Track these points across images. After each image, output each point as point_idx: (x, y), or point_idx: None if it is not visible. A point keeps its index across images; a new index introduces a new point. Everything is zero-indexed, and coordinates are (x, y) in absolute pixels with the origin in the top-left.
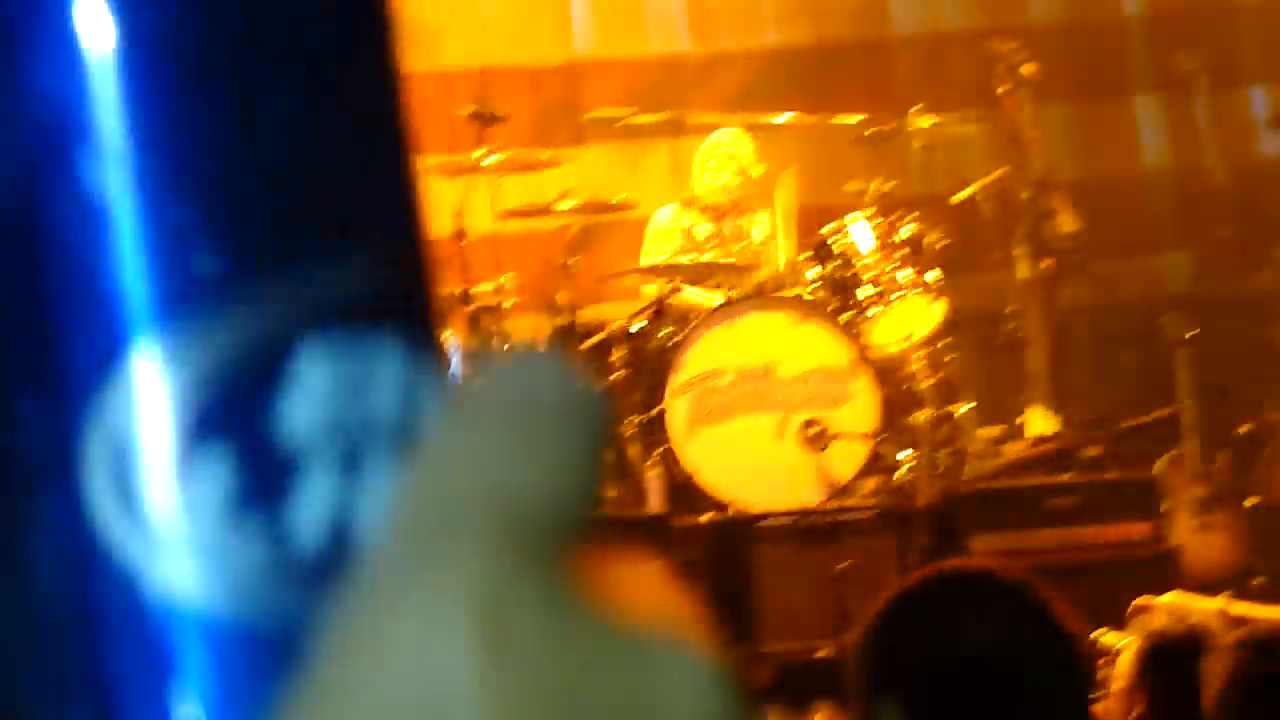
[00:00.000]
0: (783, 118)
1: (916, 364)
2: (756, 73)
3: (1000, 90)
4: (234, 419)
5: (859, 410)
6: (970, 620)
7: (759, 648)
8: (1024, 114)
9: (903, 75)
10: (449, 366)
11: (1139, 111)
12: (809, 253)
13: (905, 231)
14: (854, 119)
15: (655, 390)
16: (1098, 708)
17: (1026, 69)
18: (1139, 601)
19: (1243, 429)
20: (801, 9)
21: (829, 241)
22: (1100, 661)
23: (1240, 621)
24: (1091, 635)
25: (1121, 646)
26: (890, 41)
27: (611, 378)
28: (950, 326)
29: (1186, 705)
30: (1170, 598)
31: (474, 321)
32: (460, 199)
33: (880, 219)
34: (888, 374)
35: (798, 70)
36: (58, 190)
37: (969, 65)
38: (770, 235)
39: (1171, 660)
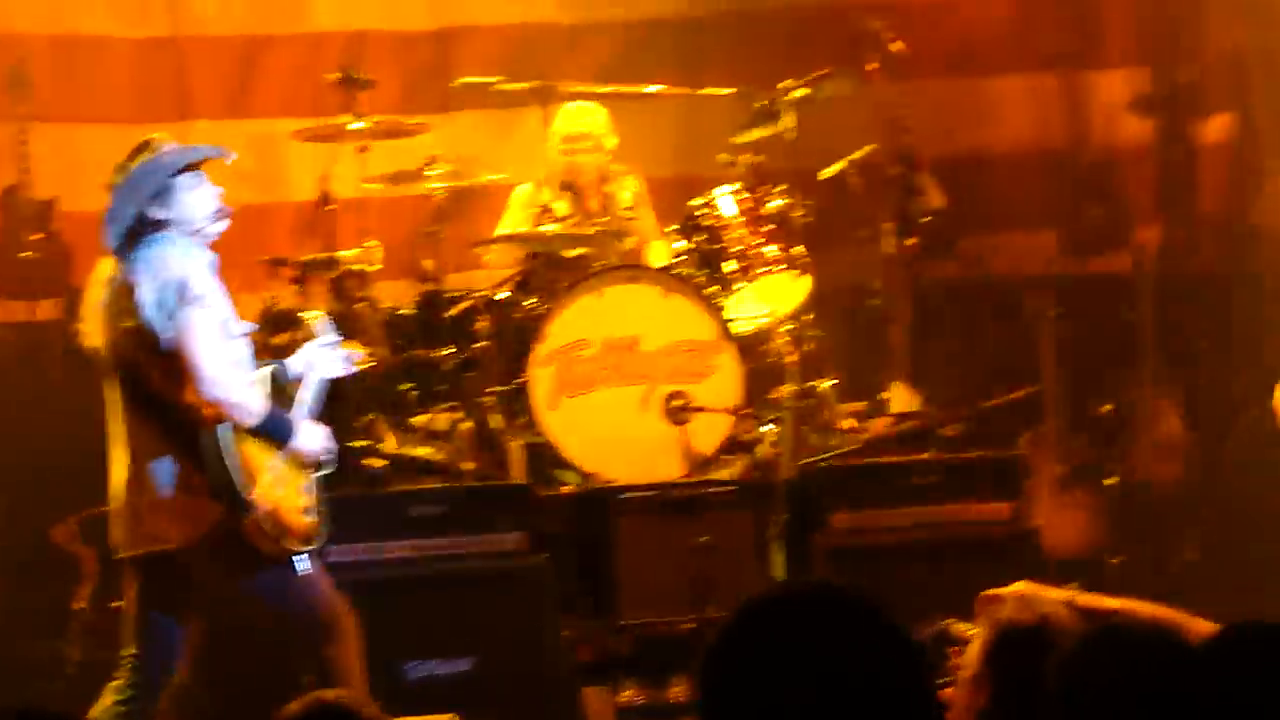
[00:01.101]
0: (652, 89)
1: (780, 339)
2: (627, 43)
3: (868, 66)
4: None
5: (722, 384)
6: (813, 642)
7: (619, 620)
8: (891, 90)
9: (772, 49)
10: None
11: (1004, 90)
12: (675, 226)
13: (772, 206)
14: (723, 91)
15: (519, 360)
16: (945, 693)
17: (894, 45)
18: (989, 591)
19: (1103, 409)
20: None
21: (696, 215)
22: (951, 650)
23: (1088, 611)
24: (943, 623)
25: (971, 635)
26: (760, 14)
27: (476, 346)
28: (815, 302)
29: (1031, 695)
30: (1019, 587)
31: (339, 286)
32: (327, 164)
33: (747, 193)
34: (751, 349)
35: (668, 41)
36: None
37: (838, 40)
38: (635, 203)
39: (1018, 651)
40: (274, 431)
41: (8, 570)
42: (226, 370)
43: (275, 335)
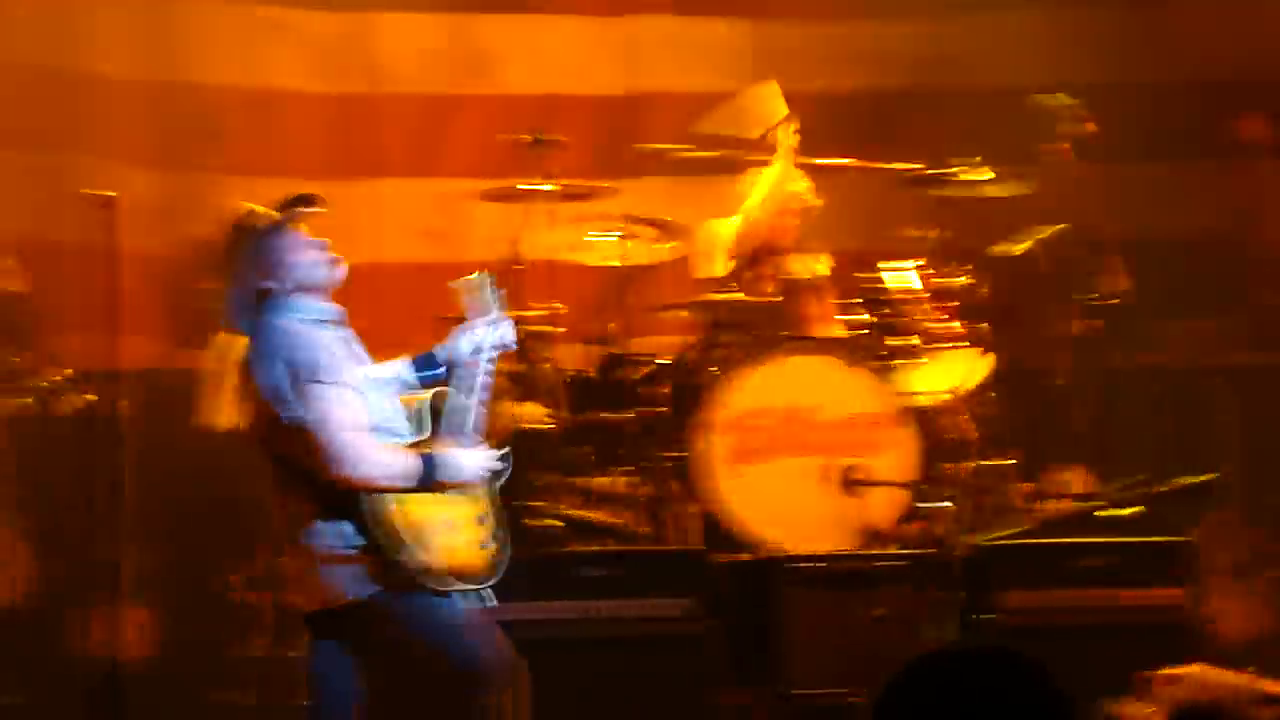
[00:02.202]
0: (841, 161)
1: (961, 416)
2: (818, 115)
3: (1057, 146)
4: None
5: (899, 458)
6: (987, 700)
7: (788, 690)
8: (1078, 171)
9: (958, 126)
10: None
11: (1192, 175)
12: (858, 299)
13: (956, 281)
14: (911, 166)
15: (698, 426)
16: None
17: (1084, 126)
18: (1164, 671)
19: None
20: (861, 54)
21: (880, 288)
22: None
23: (1266, 696)
24: (1116, 705)
25: (1145, 716)
26: (947, 91)
27: (655, 411)
28: (997, 380)
29: None
30: (1196, 668)
31: (522, 347)
32: (517, 225)
33: (932, 268)
34: (930, 424)
35: (852, 115)
36: None
37: (1025, 119)
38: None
39: None
40: (432, 479)
41: (185, 620)
42: (358, 446)
43: None
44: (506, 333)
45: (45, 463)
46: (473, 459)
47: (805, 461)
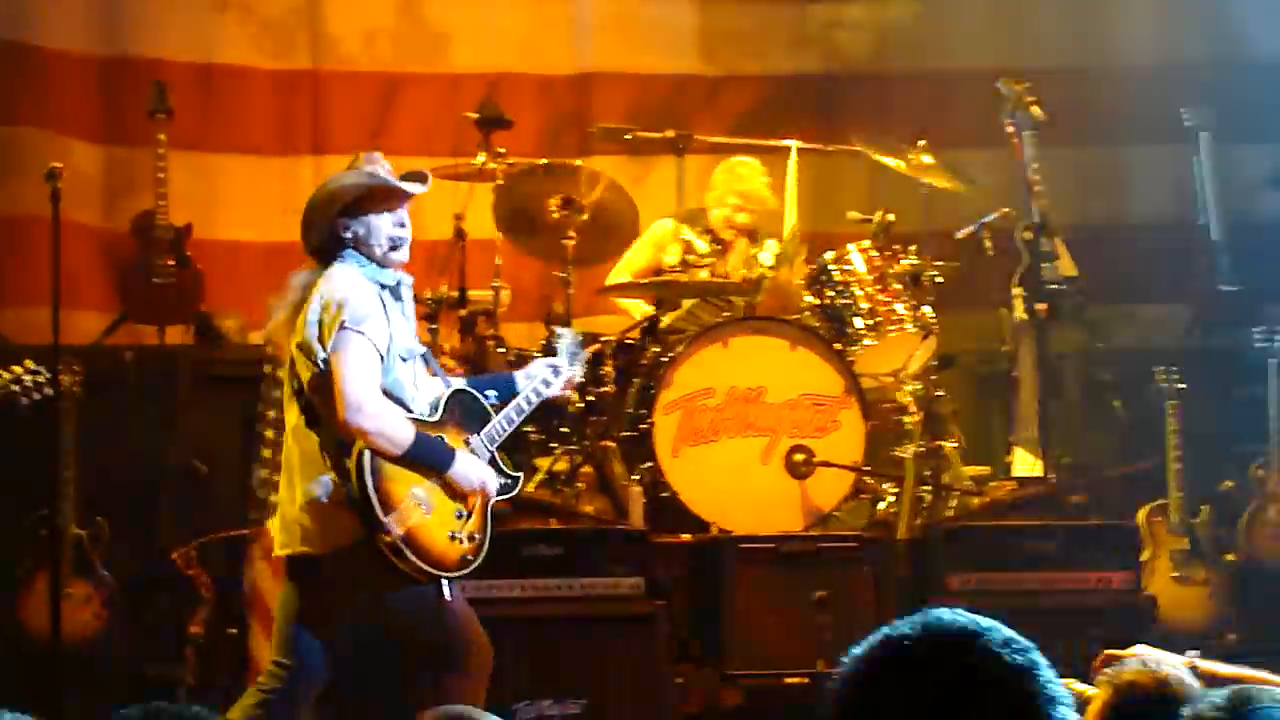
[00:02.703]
0: (788, 144)
1: (905, 398)
2: (765, 98)
3: (1007, 131)
4: None
5: (845, 440)
6: (953, 678)
7: (730, 670)
8: (1028, 156)
9: (907, 109)
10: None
11: (1141, 161)
12: (802, 280)
13: (903, 265)
14: (858, 148)
15: (644, 406)
16: None
17: (1034, 111)
18: (1109, 652)
19: (1226, 485)
20: (810, 37)
21: (827, 270)
22: None
23: (1207, 678)
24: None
25: (1090, 696)
26: (901, 75)
27: (600, 391)
28: (941, 363)
29: None
30: (1140, 650)
31: (468, 324)
32: (462, 203)
33: (877, 251)
34: (876, 406)
35: (800, 98)
36: None
37: (976, 104)
38: (775, 264)
39: (1137, 713)
40: (422, 461)
41: (126, 593)
42: (371, 399)
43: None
44: (568, 381)
45: None
46: (475, 467)
47: (751, 443)
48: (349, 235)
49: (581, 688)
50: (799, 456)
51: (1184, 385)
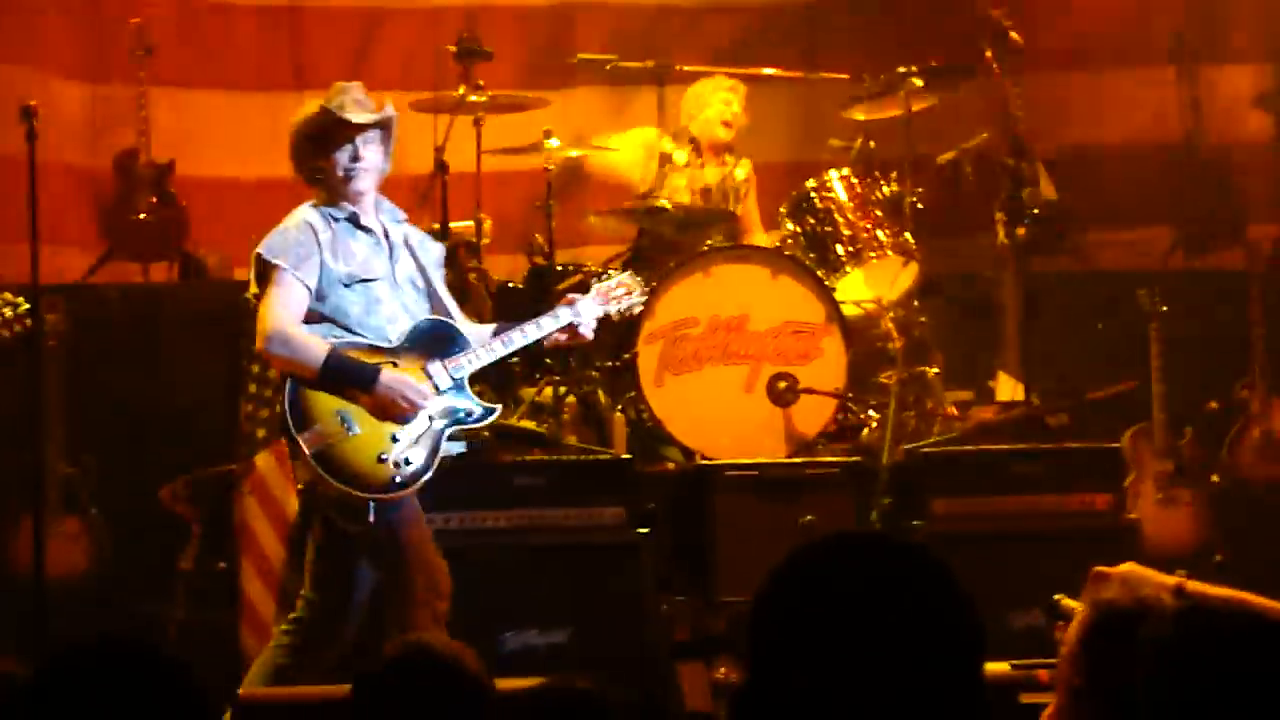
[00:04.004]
0: (768, 72)
1: (887, 324)
2: (746, 26)
3: (986, 55)
4: None
5: (828, 367)
6: (862, 581)
7: (716, 597)
8: (1008, 81)
9: (891, 35)
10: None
11: (1122, 84)
12: (786, 208)
13: (884, 191)
14: (839, 76)
15: (627, 336)
16: (1042, 675)
17: (1012, 35)
18: (1097, 569)
19: (1210, 406)
20: None
21: (808, 197)
22: (1059, 625)
23: (1194, 598)
24: (1054, 597)
25: (1074, 609)
26: (880, 1)
27: None
28: (923, 289)
29: (1125, 678)
30: (1127, 568)
31: (450, 257)
32: (442, 136)
33: (858, 178)
34: (858, 333)
35: (787, 26)
36: None
37: (956, 30)
38: (745, 188)
39: (1114, 631)
40: (341, 382)
41: (115, 530)
42: (281, 328)
43: None
44: (587, 329)
45: None
46: (403, 387)
47: (734, 371)
48: (314, 168)
49: (568, 617)
50: (782, 384)
51: (1166, 307)
